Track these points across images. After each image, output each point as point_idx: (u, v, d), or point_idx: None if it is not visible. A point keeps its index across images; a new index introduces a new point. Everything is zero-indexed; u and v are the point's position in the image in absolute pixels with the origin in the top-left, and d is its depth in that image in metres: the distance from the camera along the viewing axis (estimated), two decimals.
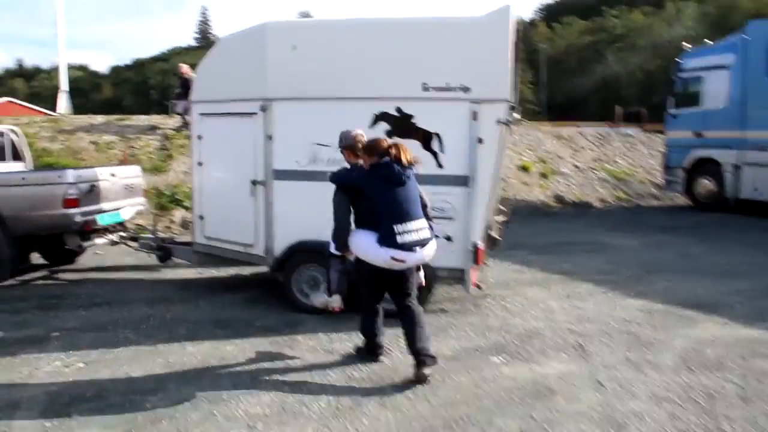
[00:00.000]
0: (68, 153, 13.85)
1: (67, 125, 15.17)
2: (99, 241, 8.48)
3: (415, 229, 4.77)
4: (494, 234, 6.83)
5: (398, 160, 4.84)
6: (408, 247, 4.72)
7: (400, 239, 4.68)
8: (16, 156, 9.38)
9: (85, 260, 9.55)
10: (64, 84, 19.03)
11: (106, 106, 59.06)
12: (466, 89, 6.10)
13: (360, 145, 5.09)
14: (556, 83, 49.96)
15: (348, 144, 5.19)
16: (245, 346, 5.57)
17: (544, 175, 17.20)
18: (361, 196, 4.88)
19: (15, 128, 9.53)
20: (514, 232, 10.85)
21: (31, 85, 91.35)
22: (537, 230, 12.91)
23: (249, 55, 6.84)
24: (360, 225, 4.95)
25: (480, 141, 6.08)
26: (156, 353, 5.42)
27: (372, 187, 4.81)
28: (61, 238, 8.11)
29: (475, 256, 6.18)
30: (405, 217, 4.74)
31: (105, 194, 8.27)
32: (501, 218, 7.17)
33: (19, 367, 5.13)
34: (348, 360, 5.25)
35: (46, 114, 21.34)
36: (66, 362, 5.23)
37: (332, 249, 5.02)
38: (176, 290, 7.78)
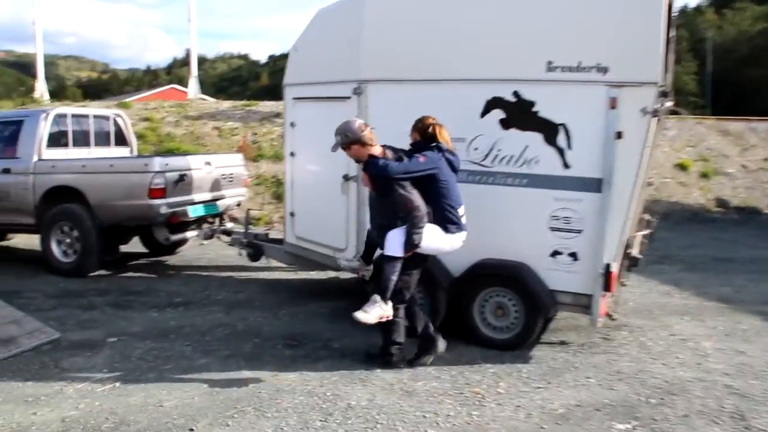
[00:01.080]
0: (190, 139, 13.75)
1: (193, 110, 15.14)
2: (190, 234, 7.95)
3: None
4: (634, 252, 5.43)
5: (444, 142, 4.81)
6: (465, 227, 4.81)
7: (464, 220, 4.78)
8: (122, 141, 9.10)
9: (186, 252, 9.14)
10: (194, 70, 19.31)
11: (263, 93, 61.12)
12: (602, 69, 4.76)
13: (367, 135, 4.68)
14: (724, 74, 45.28)
15: (356, 137, 4.65)
16: (309, 377, 4.63)
17: (704, 176, 14.99)
18: (427, 182, 4.64)
19: (120, 113, 9.26)
20: (664, 242, 9.27)
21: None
22: (692, 240, 11.06)
23: (344, 30, 5.89)
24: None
25: (619, 135, 4.72)
26: (204, 376, 4.62)
27: (444, 171, 4.71)
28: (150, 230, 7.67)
29: (607, 280, 4.84)
30: (461, 200, 4.80)
31: (198, 184, 7.70)
32: (644, 232, 5.72)
33: (54, 380, 4.52)
34: (428, 405, 4.16)
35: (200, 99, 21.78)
36: (103, 379, 4.56)
37: (394, 252, 4.52)
38: (263, 293, 7.05)
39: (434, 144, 4.76)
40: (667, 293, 7.20)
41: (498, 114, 5.12)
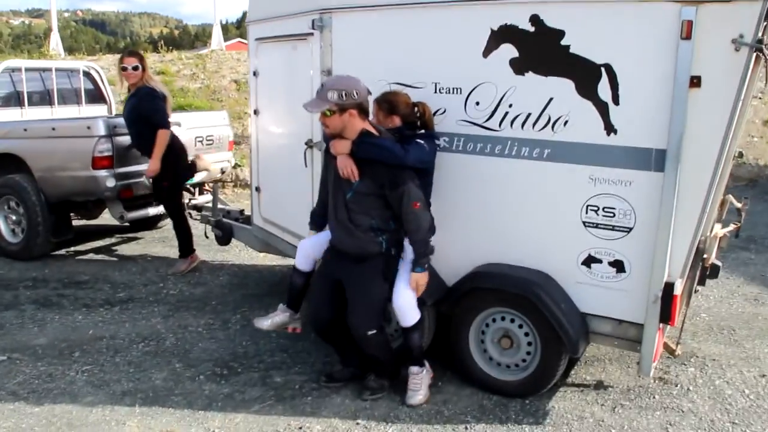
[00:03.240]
0: (206, 93, 12.39)
1: (212, 62, 13.77)
2: (153, 210, 6.57)
3: None
4: (711, 257, 3.70)
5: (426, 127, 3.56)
6: None
7: None
8: (99, 98, 7.80)
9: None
10: (216, 19, 17.88)
11: None
12: None
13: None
14: None
15: (362, 100, 3.35)
16: None
17: None
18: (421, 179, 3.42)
19: (94, 65, 7.92)
20: (749, 218, 7.28)
21: None
22: None
23: None
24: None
25: (695, 82, 2.99)
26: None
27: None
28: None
29: (667, 308, 3.17)
30: None
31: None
32: (728, 229, 3.95)
33: None
34: None
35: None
36: None
37: (414, 317, 3.47)
38: (228, 286, 5.63)
39: (425, 132, 3.56)
40: (754, 299, 5.37)
41: (509, 51, 3.43)
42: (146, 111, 5.47)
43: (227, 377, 3.87)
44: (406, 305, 3.39)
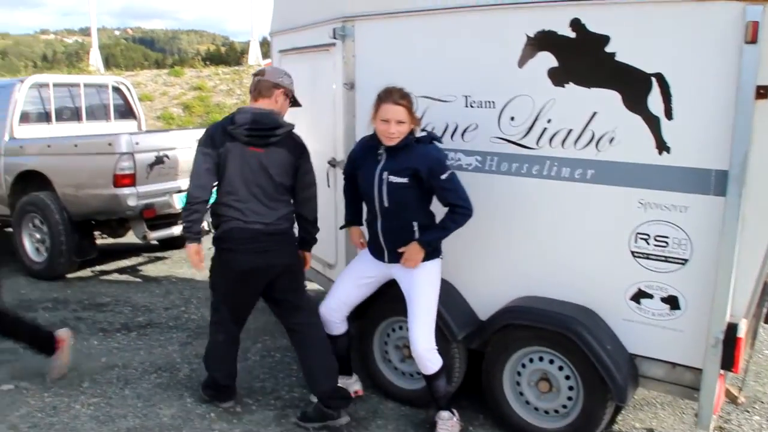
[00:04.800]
0: None
1: (249, 78, 13.66)
2: (177, 230, 6.37)
3: None
4: None
5: None
6: None
7: None
8: (129, 113, 7.69)
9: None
10: (255, 33, 17.85)
11: None
12: None
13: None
14: None
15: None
16: None
17: None
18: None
19: (123, 80, 7.81)
20: None
21: None
22: None
23: None
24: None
25: (762, 93, 2.60)
26: None
27: None
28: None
29: (730, 352, 2.76)
30: None
31: (187, 167, 6.07)
32: None
33: None
34: None
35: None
36: None
37: (438, 362, 3.22)
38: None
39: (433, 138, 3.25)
40: None
41: (547, 60, 3.09)
42: None
43: (240, 416, 3.58)
44: (425, 351, 3.06)
